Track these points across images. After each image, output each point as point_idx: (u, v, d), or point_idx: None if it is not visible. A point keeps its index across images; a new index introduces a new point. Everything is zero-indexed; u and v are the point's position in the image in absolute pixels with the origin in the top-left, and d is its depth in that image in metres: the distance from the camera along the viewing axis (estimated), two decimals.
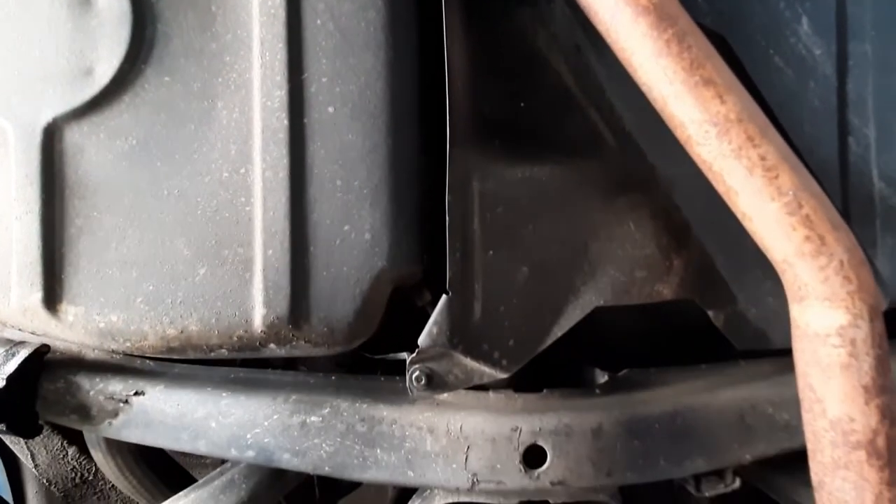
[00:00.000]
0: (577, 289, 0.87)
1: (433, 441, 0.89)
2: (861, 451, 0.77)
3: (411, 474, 0.90)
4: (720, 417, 0.92)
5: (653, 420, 0.91)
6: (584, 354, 1.10)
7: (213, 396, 0.93)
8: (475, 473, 0.88)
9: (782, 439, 0.93)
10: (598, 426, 0.89)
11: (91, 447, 1.16)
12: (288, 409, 0.92)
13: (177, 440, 0.92)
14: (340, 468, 0.91)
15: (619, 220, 0.90)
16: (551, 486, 0.87)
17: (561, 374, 1.04)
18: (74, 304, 0.82)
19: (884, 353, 0.77)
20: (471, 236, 0.83)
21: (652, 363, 1.02)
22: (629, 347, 1.09)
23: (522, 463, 0.87)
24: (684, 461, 0.91)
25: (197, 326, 0.82)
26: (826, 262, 0.76)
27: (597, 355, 1.09)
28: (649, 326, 1.10)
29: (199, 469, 1.29)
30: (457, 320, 0.83)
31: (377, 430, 0.91)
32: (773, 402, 0.93)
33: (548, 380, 0.97)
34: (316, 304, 0.82)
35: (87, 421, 0.93)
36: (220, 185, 0.82)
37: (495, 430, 0.88)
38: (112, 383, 0.95)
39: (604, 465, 0.88)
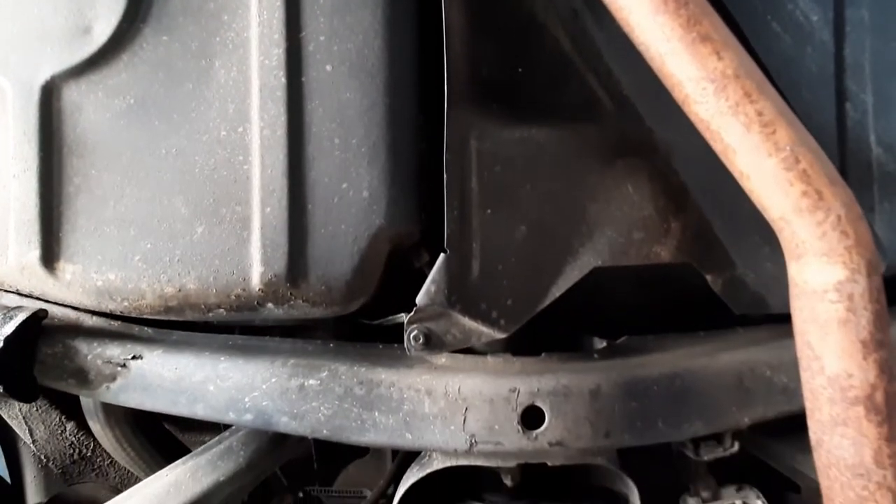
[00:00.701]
0: (574, 249, 0.87)
1: (431, 403, 0.89)
2: (859, 406, 0.77)
3: (409, 437, 0.89)
4: (718, 380, 0.92)
5: (651, 382, 0.91)
6: (582, 324, 1.11)
7: (212, 360, 0.93)
8: (473, 435, 0.88)
9: (781, 402, 0.93)
10: (596, 387, 0.89)
11: (89, 418, 1.16)
12: (286, 372, 0.92)
13: (175, 404, 0.92)
14: (339, 431, 0.90)
15: (617, 183, 0.90)
16: (549, 447, 0.87)
17: (559, 343, 1.04)
18: (72, 262, 0.82)
19: (882, 307, 0.77)
20: (469, 195, 0.83)
21: (650, 332, 1.03)
22: (627, 317, 1.09)
23: (520, 424, 0.87)
24: (683, 424, 0.91)
25: (195, 285, 0.82)
26: (823, 217, 0.77)
27: (595, 326, 1.09)
28: (648, 296, 1.10)
29: (196, 443, 1.29)
30: (454, 279, 0.83)
31: (375, 393, 0.91)
32: (772, 365, 0.93)
33: (546, 348, 0.97)
34: (314, 262, 0.82)
35: (84, 385, 0.93)
36: (218, 143, 0.82)
37: (493, 392, 0.88)
38: (110, 348, 0.95)
39: (602, 427, 0.88)
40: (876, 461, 0.76)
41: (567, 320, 1.07)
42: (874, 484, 0.77)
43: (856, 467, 0.78)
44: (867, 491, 0.77)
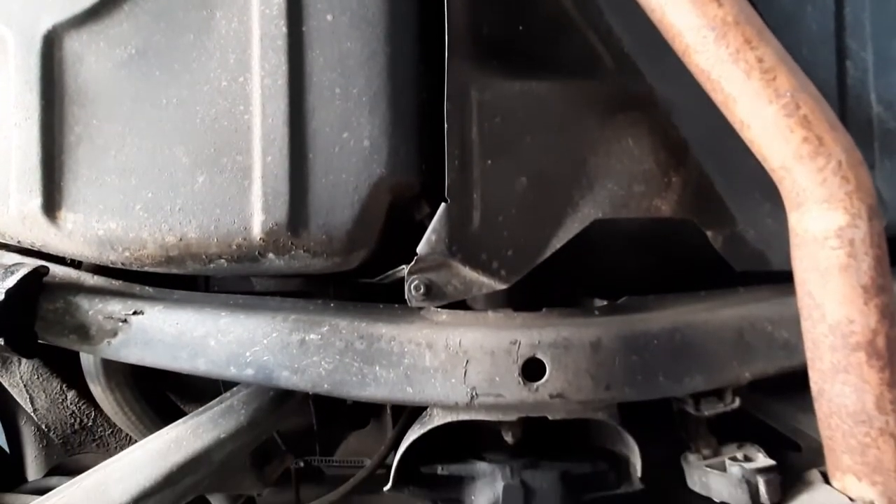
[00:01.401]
0: (575, 202, 0.87)
1: (432, 356, 0.89)
2: (861, 352, 0.77)
3: (410, 390, 0.89)
4: (719, 335, 0.92)
5: (651, 336, 0.91)
6: (583, 287, 1.11)
7: (213, 316, 0.94)
8: (474, 387, 0.88)
9: (781, 357, 0.93)
10: (596, 340, 0.89)
11: (90, 380, 1.16)
12: (287, 327, 0.92)
13: (175, 359, 0.92)
14: (339, 385, 0.90)
15: (618, 137, 0.90)
16: (550, 400, 0.87)
17: (559, 305, 1.04)
18: (73, 210, 0.82)
19: (882, 252, 0.77)
20: (469, 145, 0.83)
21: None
22: (628, 281, 1.09)
23: (521, 376, 0.87)
24: (683, 378, 0.91)
25: (196, 234, 0.82)
26: (824, 162, 0.77)
27: (596, 289, 1.09)
28: (648, 259, 1.10)
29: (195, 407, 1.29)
30: (455, 228, 0.83)
31: (376, 347, 0.91)
32: (772, 320, 0.93)
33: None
34: (315, 210, 0.82)
35: (85, 341, 0.93)
36: (219, 93, 0.82)
37: (494, 344, 0.88)
38: (111, 304, 0.95)
39: (602, 379, 0.88)
40: (878, 407, 0.76)
41: (568, 283, 1.07)
42: (876, 430, 0.77)
43: (857, 414, 0.78)
44: (869, 438, 0.77)
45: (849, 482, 0.80)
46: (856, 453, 0.78)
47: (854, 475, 0.79)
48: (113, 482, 0.89)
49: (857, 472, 0.79)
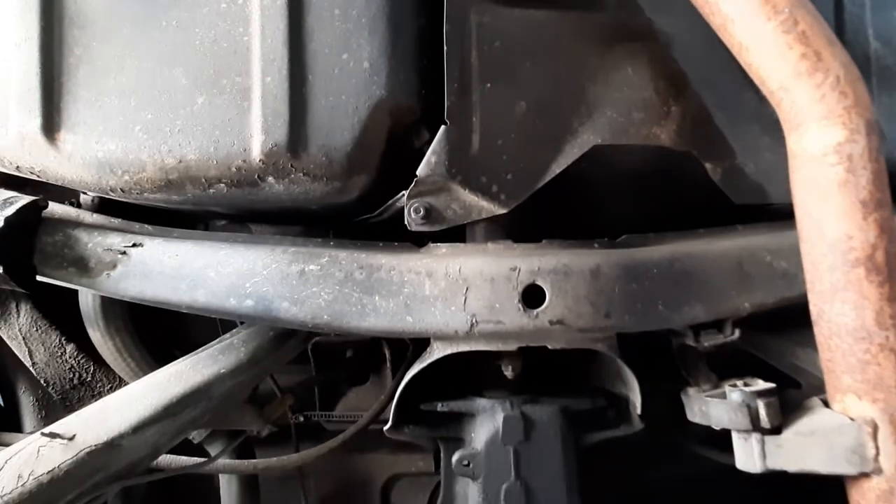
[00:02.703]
0: (574, 128, 0.88)
1: (432, 285, 0.89)
2: (860, 268, 0.77)
3: (410, 320, 0.89)
4: (718, 264, 0.92)
5: (651, 265, 0.91)
6: (582, 230, 1.10)
7: (212, 248, 0.94)
8: (474, 314, 0.87)
9: (780, 287, 0.93)
10: (596, 267, 0.89)
11: (89, 326, 1.16)
12: (287, 258, 0.92)
13: (175, 290, 0.92)
14: (339, 316, 0.90)
15: (617, 66, 0.90)
16: (550, 327, 0.87)
17: None
18: (73, 132, 0.82)
19: (881, 167, 0.77)
20: (468, 68, 0.84)
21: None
22: (628, 224, 1.08)
23: (521, 302, 0.87)
24: (683, 307, 0.91)
25: (195, 155, 0.82)
26: (822, 78, 0.77)
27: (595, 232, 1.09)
28: (648, 200, 1.10)
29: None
30: (455, 151, 0.83)
31: (376, 277, 0.91)
32: (771, 250, 0.94)
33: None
34: (314, 131, 0.82)
35: (84, 274, 0.93)
36: (218, 15, 0.82)
37: (494, 271, 0.88)
38: (110, 237, 0.95)
39: (602, 306, 0.88)
40: (877, 323, 0.76)
41: (567, 226, 1.07)
42: (876, 346, 0.77)
43: (857, 331, 0.78)
44: (869, 354, 0.77)
45: (849, 402, 0.80)
46: (856, 371, 0.78)
47: (854, 394, 0.79)
48: (113, 411, 0.88)
49: (857, 391, 0.79)
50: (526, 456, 0.92)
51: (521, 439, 0.92)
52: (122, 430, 0.85)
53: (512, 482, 0.91)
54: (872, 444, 0.78)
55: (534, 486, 0.92)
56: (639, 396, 0.97)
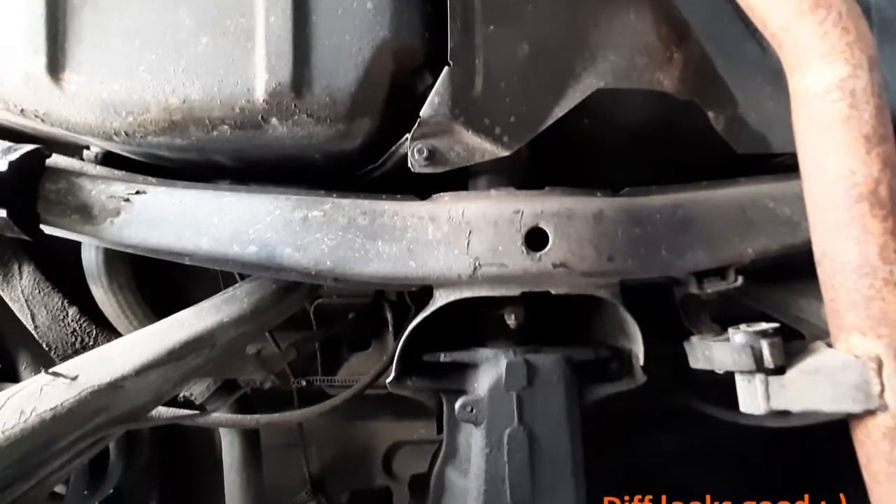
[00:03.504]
0: (577, 72, 0.88)
1: (435, 229, 0.89)
2: (863, 203, 0.76)
3: (413, 264, 0.89)
4: (721, 211, 0.93)
5: (654, 210, 0.91)
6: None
7: (216, 195, 0.94)
8: (477, 258, 0.88)
9: (783, 234, 0.93)
10: (599, 211, 0.89)
11: (92, 282, 1.16)
12: (290, 205, 0.92)
13: (178, 238, 0.92)
14: (342, 262, 0.90)
15: (620, 11, 0.90)
16: (553, 269, 0.87)
17: None
18: (77, 72, 0.82)
19: (883, 103, 0.77)
20: (472, 9, 0.84)
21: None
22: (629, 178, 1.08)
23: (524, 245, 0.87)
24: (685, 253, 0.91)
25: (199, 95, 0.82)
26: (824, 14, 0.77)
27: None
28: (649, 159, 1.10)
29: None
30: (458, 92, 0.84)
31: (379, 223, 0.91)
32: (774, 197, 0.94)
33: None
34: (318, 72, 0.82)
35: (88, 220, 0.93)
36: None
37: (497, 214, 0.88)
38: (114, 185, 0.95)
39: (605, 249, 0.88)
40: (881, 257, 0.76)
41: (570, 179, 1.07)
42: (880, 281, 0.76)
43: (861, 267, 0.77)
44: (873, 290, 0.77)
45: (853, 340, 0.80)
46: (860, 308, 0.78)
47: (859, 332, 0.79)
48: (116, 354, 0.88)
49: (861, 328, 0.79)
50: (529, 402, 0.92)
51: (523, 385, 0.92)
52: (125, 372, 0.85)
53: (515, 427, 0.91)
54: (877, 381, 0.78)
55: (537, 431, 0.92)
56: (641, 347, 0.97)
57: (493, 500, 0.91)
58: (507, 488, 0.91)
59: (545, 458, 0.91)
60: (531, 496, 0.90)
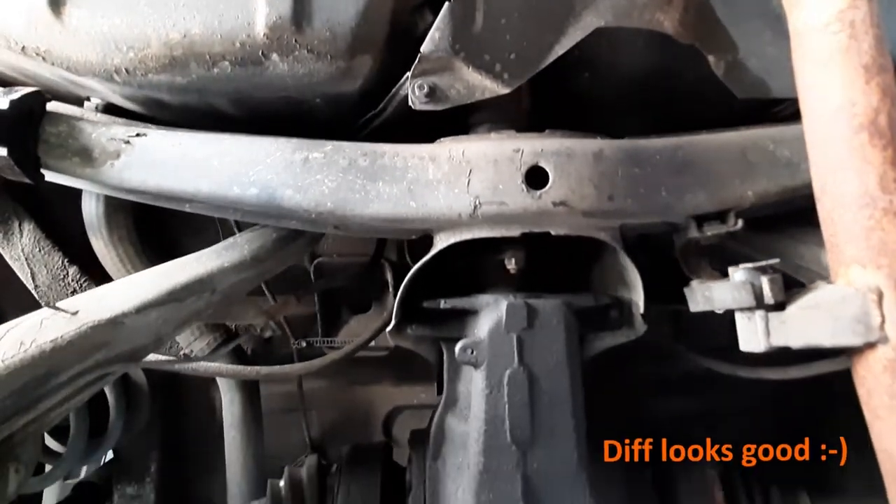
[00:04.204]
0: (577, 10, 0.87)
1: (435, 168, 0.89)
2: (863, 133, 0.76)
3: (413, 204, 0.89)
4: (721, 152, 0.93)
5: (654, 151, 0.91)
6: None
7: (216, 139, 0.94)
8: (477, 196, 0.88)
9: (783, 176, 0.93)
10: (599, 151, 0.89)
11: (92, 234, 1.16)
12: (290, 147, 0.92)
13: (178, 180, 0.92)
14: (343, 203, 0.90)
15: None
16: (553, 208, 0.87)
17: None
18: (78, 6, 0.82)
19: (882, 33, 0.77)
20: None
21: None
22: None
23: (525, 183, 0.87)
24: (686, 194, 0.91)
25: (200, 30, 0.82)
26: None
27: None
28: (651, 111, 1.10)
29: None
30: (459, 27, 0.84)
31: (379, 164, 0.91)
32: (775, 139, 0.94)
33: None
34: (318, 5, 0.82)
35: (88, 163, 0.93)
36: None
37: (498, 152, 0.88)
38: (114, 128, 0.95)
39: (605, 189, 0.88)
40: (881, 187, 0.76)
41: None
42: (880, 211, 0.76)
43: (861, 198, 0.77)
44: (873, 220, 0.77)
45: (853, 274, 0.80)
46: (859, 240, 0.78)
47: (858, 264, 0.79)
48: (117, 292, 0.88)
49: (861, 261, 0.79)
50: (529, 343, 0.92)
51: (524, 326, 0.92)
52: (126, 309, 0.85)
53: (515, 368, 0.91)
54: (878, 312, 0.78)
55: (537, 372, 0.92)
56: (641, 295, 0.97)
57: (492, 441, 0.91)
58: (507, 428, 0.90)
59: (545, 399, 0.91)
60: (531, 436, 0.90)
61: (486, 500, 0.90)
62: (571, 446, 0.90)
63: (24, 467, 0.83)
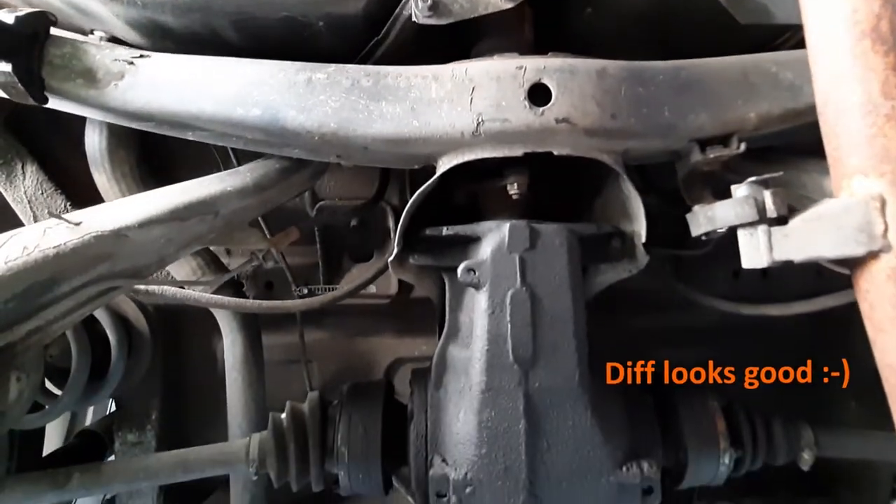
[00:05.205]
0: None
1: (438, 87, 0.89)
2: (866, 40, 0.76)
3: (416, 123, 0.89)
4: (724, 74, 0.93)
5: (657, 71, 0.91)
6: None
7: (219, 61, 0.94)
8: (480, 113, 0.88)
9: (785, 98, 0.93)
10: (602, 69, 0.89)
11: (94, 169, 1.16)
12: (294, 68, 0.93)
13: (182, 100, 0.92)
14: (346, 123, 0.90)
15: None
16: (556, 125, 0.87)
17: None
18: None
19: None
20: None
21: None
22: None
23: (527, 100, 0.87)
24: (688, 115, 0.91)
25: None
26: None
27: None
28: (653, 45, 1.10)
29: None
30: None
31: (382, 84, 0.91)
32: (777, 61, 0.94)
33: None
34: None
35: (92, 85, 0.93)
36: None
37: (500, 70, 0.88)
38: (118, 49, 0.96)
39: (608, 107, 0.88)
40: (883, 93, 0.76)
41: None
42: (882, 117, 0.76)
43: (864, 105, 0.77)
44: (875, 127, 0.76)
45: (856, 184, 0.80)
46: (862, 148, 0.78)
47: (861, 174, 0.79)
48: (120, 207, 0.88)
49: (863, 170, 0.79)
50: (532, 263, 0.92)
51: (526, 247, 0.92)
52: (129, 222, 0.85)
53: (518, 288, 0.91)
54: (881, 220, 0.77)
55: (539, 292, 0.91)
56: (643, 225, 0.97)
57: (495, 360, 0.91)
58: (510, 348, 0.90)
59: (547, 319, 0.91)
60: (533, 355, 0.90)
61: (487, 418, 0.90)
62: (573, 365, 0.90)
63: (25, 377, 0.83)
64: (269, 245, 1.03)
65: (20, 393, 0.82)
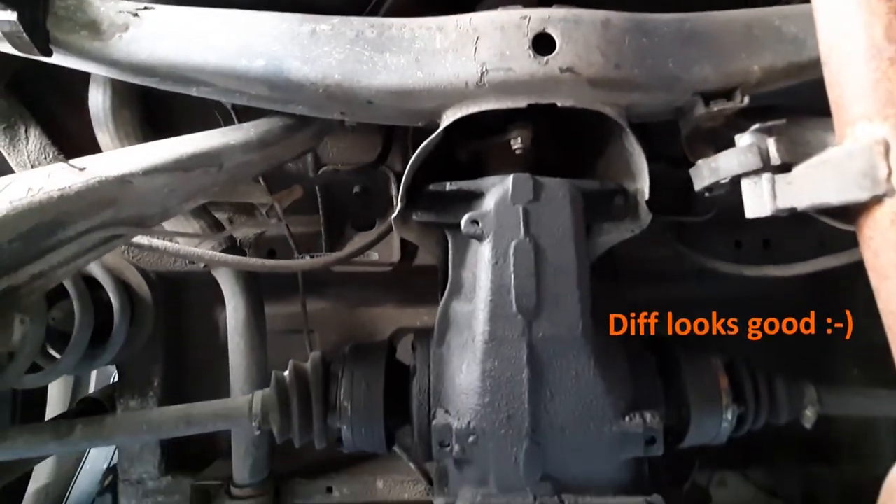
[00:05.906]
0: None
1: (442, 38, 0.90)
2: None
3: (420, 74, 0.90)
4: (727, 26, 0.93)
5: (661, 23, 0.91)
6: None
7: (223, 12, 0.94)
8: (484, 63, 0.88)
9: (790, 51, 0.93)
10: (606, 19, 0.89)
11: (98, 128, 1.16)
12: (297, 20, 0.93)
13: (186, 52, 0.92)
14: (350, 75, 0.91)
15: None
16: (560, 74, 0.87)
17: None
18: None
19: None
20: None
21: None
22: None
23: (532, 49, 0.87)
24: (692, 66, 0.91)
25: None
26: None
27: None
28: None
29: None
30: None
31: (387, 35, 0.91)
32: (781, 15, 0.94)
33: None
34: None
35: (97, 36, 0.93)
36: None
37: (505, 19, 0.88)
38: (122, 2, 0.96)
39: (612, 56, 0.88)
40: (887, 37, 0.76)
41: None
42: (886, 62, 0.76)
43: (867, 51, 0.77)
44: (879, 72, 0.76)
45: (860, 130, 0.80)
46: (866, 93, 0.78)
47: (865, 119, 0.79)
48: (124, 155, 0.89)
49: (867, 115, 0.79)
50: (535, 215, 0.92)
51: (530, 198, 0.92)
52: (133, 169, 0.86)
53: (521, 239, 0.91)
54: (885, 165, 0.77)
55: (543, 244, 0.92)
56: (647, 182, 0.97)
57: (498, 310, 0.91)
58: (513, 298, 0.91)
59: (550, 270, 0.91)
60: (536, 305, 0.90)
61: (491, 368, 0.90)
62: (576, 316, 0.90)
63: (28, 321, 0.83)
64: (272, 200, 1.03)
65: (24, 336, 0.82)
